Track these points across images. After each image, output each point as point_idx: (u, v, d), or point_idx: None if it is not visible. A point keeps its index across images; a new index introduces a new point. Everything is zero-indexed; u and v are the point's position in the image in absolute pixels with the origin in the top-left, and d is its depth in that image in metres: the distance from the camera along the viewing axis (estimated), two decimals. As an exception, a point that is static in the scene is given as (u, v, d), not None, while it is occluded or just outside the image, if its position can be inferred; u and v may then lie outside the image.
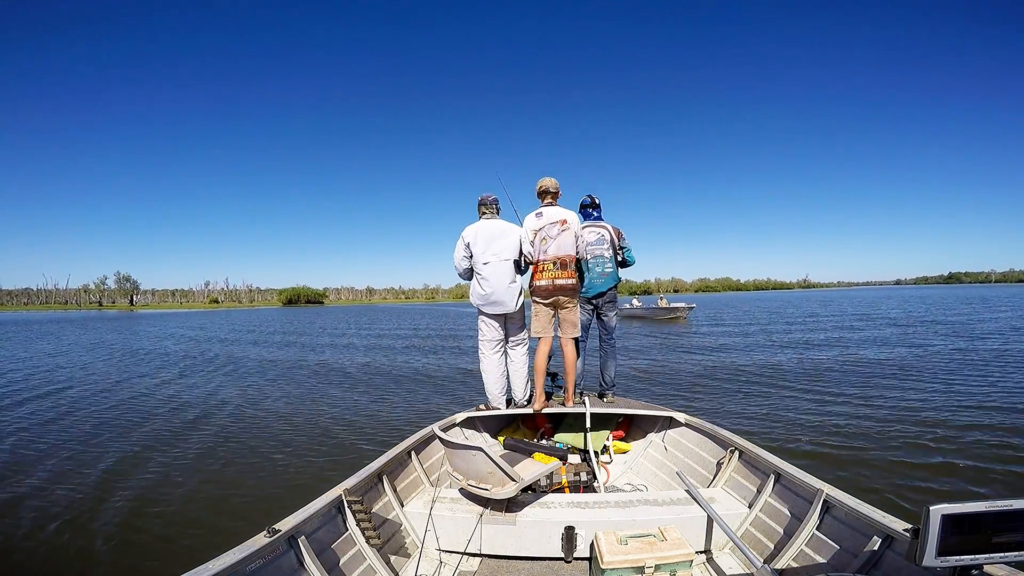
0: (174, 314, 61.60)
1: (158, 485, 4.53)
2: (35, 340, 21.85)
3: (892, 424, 5.69)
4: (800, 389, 7.91)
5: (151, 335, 24.71)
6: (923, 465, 4.48)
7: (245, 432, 6.31)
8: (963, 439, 5.12)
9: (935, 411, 6.20)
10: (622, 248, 3.97)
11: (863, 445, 5.01)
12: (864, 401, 6.89)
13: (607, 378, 3.94)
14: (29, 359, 14.62)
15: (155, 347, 18.33)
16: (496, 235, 3.50)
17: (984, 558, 1.34)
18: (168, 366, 12.96)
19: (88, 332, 27.32)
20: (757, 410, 6.60)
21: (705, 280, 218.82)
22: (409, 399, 8.18)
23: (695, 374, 9.77)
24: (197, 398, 8.62)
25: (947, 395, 7.08)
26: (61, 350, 17.10)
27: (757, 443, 2.84)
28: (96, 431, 6.42)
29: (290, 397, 8.57)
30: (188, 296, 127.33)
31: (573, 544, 2.37)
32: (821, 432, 5.50)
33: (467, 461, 2.47)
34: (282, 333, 25.11)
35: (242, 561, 1.64)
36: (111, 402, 8.31)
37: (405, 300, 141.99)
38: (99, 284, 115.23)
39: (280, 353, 15.53)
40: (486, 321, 3.60)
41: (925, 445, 4.99)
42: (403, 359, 13.65)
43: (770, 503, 2.46)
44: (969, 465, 4.45)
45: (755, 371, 9.83)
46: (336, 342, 19.17)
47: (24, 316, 57.51)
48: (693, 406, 6.80)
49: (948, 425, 5.58)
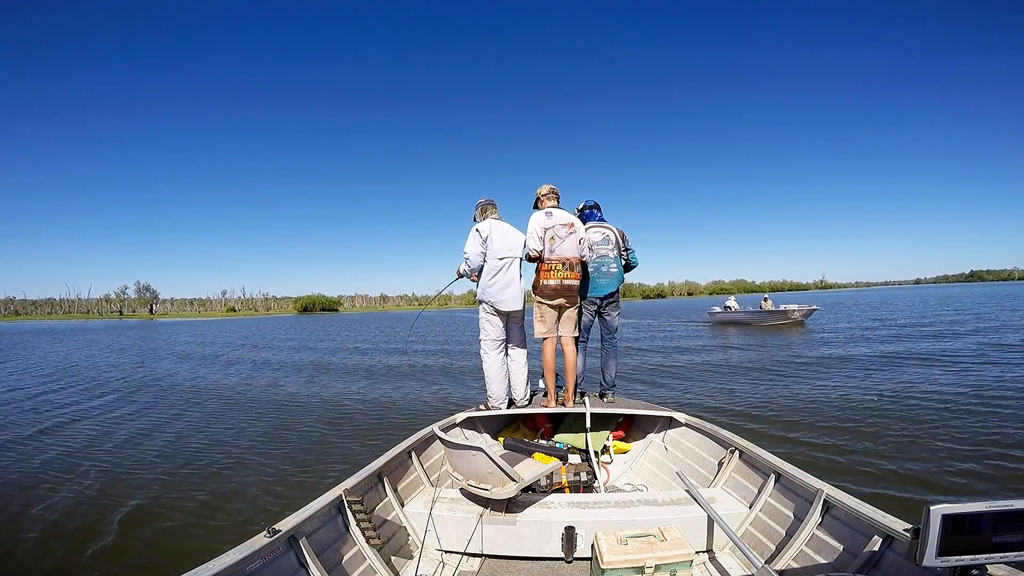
0: (193, 323, 62.62)
1: (158, 485, 4.59)
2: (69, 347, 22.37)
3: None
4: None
5: (169, 342, 25.16)
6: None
7: (244, 432, 6.40)
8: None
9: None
10: (627, 250, 3.97)
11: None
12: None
13: (608, 378, 3.94)
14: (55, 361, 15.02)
15: (170, 352, 18.68)
16: (507, 234, 3.62)
17: (984, 558, 1.33)
18: (178, 369, 13.18)
19: (116, 338, 27.93)
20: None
21: (720, 282, 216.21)
22: (409, 399, 8.24)
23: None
24: (197, 399, 8.76)
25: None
26: (91, 355, 17.53)
27: (757, 443, 2.82)
28: (96, 431, 6.54)
29: (290, 398, 8.67)
30: (206, 305, 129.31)
31: (573, 544, 2.37)
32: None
33: (467, 461, 2.48)
34: (294, 339, 25.34)
35: (242, 561, 1.66)
36: (114, 403, 8.49)
37: (418, 307, 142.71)
38: (120, 293, 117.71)
39: (283, 356, 15.68)
40: (490, 320, 3.63)
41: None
42: (404, 360, 13.75)
43: (770, 503, 2.44)
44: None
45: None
46: (342, 347, 19.29)
47: (49, 325, 58.89)
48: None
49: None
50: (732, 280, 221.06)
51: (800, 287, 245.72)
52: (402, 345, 18.74)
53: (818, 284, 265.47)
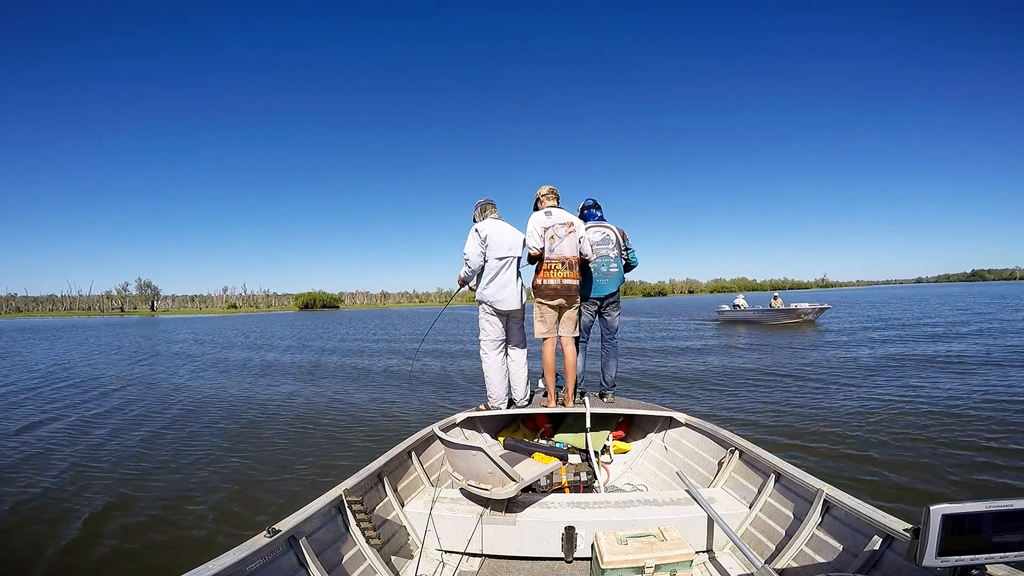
0: (193, 319, 62.71)
1: (158, 485, 4.59)
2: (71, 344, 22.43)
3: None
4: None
5: (170, 340, 25.22)
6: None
7: (245, 432, 6.40)
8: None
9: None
10: (627, 249, 3.96)
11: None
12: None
13: (608, 378, 3.93)
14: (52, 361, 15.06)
15: (172, 350, 18.73)
16: (506, 234, 3.60)
17: (984, 558, 1.33)
18: (178, 368, 13.18)
19: (114, 338, 27.97)
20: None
21: (721, 280, 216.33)
22: (409, 399, 8.24)
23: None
24: (198, 398, 8.76)
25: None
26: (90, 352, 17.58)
27: (757, 443, 2.82)
28: (95, 431, 6.53)
29: (290, 398, 8.67)
30: (207, 301, 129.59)
31: (573, 544, 2.37)
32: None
33: (467, 461, 2.49)
34: (294, 338, 25.37)
35: (242, 561, 1.65)
36: (115, 402, 8.49)
37: (419, 304, 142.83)
38: (121, 290, 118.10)
39: (285, 356, 15.69)
40: (490, 320, 3.63)
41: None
42: (403, 360, 13.75)
43: (770, 503, 2.44)
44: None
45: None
46: (342, 346, 19.30)
47: (49, 322, 59.01)
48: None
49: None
50: (733, 278, 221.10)
51: (801, 285, 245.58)
52: (406, 345, 18.74)
53: (819, 283, 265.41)
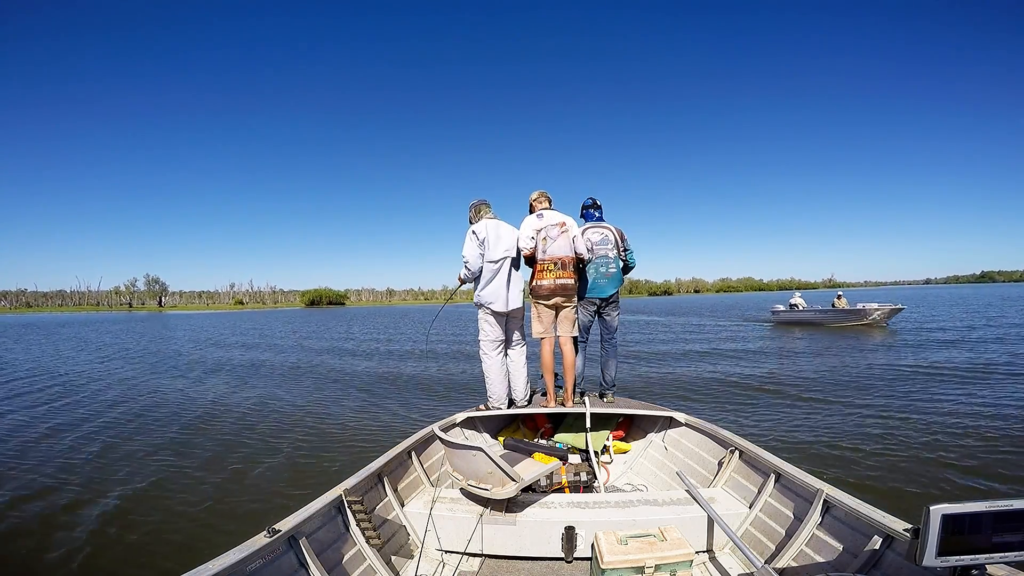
0: (201, 315, 63.08)
1: (158, 485, 4.60)
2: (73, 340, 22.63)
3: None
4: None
5: (175, 337, 25.38)
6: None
7: (245, 432, 6.40)
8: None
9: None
10: (625, 250, 3.96)
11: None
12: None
13: (608, 378, 3.94)
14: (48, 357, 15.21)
15: (172, 348, 18.85)
16: (503, 233, 3.61)
17: (984, 558, 1.33)
18: (178, 369, 13.14)
19: (120, 338, 28.19)
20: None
21: (727, 280, 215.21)
22: (409, 399, 8.24)
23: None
24: (198, 398, 8.77)
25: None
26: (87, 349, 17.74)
27: (757, 443, 2.81)
28: (96, 431, 6.55)
29: (290, 398, 8.67)
30: (214, 298, 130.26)
31: (573, 544, 2.38)
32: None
33: (467, 461, 2.49)
34: (298, 336, 25.34)
35: (242, 561, 1.66)
36: (115, 401, 8.51)
37: (424, 301, 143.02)
38: (129, 286, 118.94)
39: (286, 356, 15.70)
40: (489, 320, 3.63)
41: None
42: (404, 360, 13.76)
43: (770, 503, 2.44)
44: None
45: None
46: (343, 346, 19.28)
47: (59, 317, 59.55)
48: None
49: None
50: (739, 278, 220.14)
51: (808, 286, 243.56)
52: (407, 345, 18.73)
53: (826, 283, 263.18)
